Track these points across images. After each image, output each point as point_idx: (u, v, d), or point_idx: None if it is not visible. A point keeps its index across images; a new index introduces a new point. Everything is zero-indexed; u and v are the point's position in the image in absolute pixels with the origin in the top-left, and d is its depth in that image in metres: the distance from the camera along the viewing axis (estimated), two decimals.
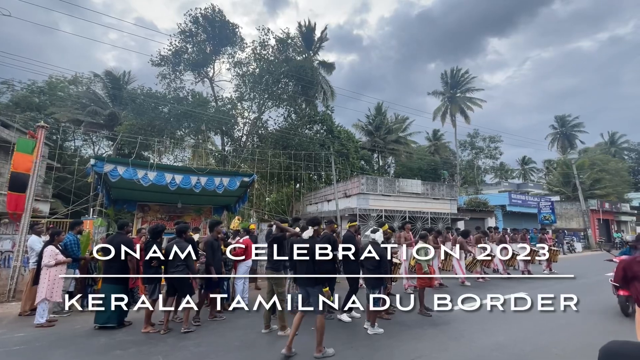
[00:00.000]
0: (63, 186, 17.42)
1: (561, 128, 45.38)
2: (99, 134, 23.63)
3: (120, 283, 5.30)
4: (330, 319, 5.54)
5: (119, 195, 10.14)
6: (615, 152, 44.60)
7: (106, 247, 5.34)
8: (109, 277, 5.25)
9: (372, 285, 4.88)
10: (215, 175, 8.53)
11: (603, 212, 28.58)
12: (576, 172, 27.70)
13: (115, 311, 5.20)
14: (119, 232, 5.55)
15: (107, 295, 5.16)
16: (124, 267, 5.34)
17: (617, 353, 0.77)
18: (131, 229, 6.66)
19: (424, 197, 18.56)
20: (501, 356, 4.12)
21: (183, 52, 20.46)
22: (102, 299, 5.15)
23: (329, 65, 28.56)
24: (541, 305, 4.83)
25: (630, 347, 0.76)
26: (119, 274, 5.28)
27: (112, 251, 5.25)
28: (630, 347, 0.76)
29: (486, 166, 42.17)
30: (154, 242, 5.40)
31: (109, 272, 5.27)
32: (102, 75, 25.40)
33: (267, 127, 22.56)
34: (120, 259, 5.25)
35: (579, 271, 11.98)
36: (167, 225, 10.46)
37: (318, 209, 20.31)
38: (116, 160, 8.43)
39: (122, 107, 22.66)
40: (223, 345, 4.53)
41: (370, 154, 31.45)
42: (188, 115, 18.54)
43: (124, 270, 5.35)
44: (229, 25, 20.94)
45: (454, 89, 35.85)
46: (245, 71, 21.57)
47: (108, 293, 5.18)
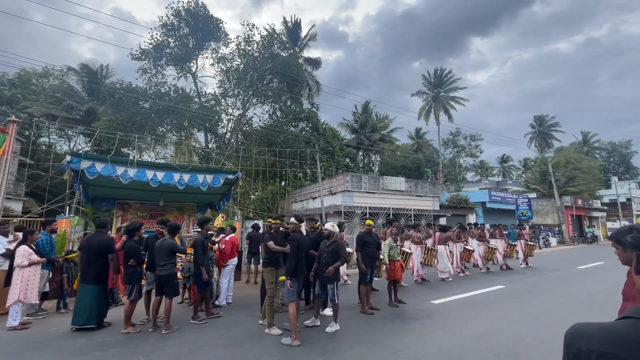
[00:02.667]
0: (37, 184, 16.70)
1: (539, 127, 47.08)
2: (75, 129, 22.73)
3: (98, 283, 5.16)
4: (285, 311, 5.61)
5: (97, 193, 9.83)
6: (588, 151, 46.69)
7: (84, 247, 5.21)
8: (86, 277, 5.11)
9: (329, 279, 5.05)
10: (198, 173, 8.39)
11: (576, 208, 29.90)
12: (552, 170, 28.83)
13: (94, 312, 5.06)
14: (99, 231, 5.37)
15: (85, 296, 5.04)
16: (104, 267, 5.21)
17: (580, 333, 0.83)
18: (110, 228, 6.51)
19: (408, 194, 18.87)
20: (479, 346, 4.27)
21: (165, 46, 19.90)
22: (80, 299, 5.04)
23: (315, 62, 28.50)
24: (516, 297, 5.01)
25: (592, 327, 0.83)
26: (98, 274, 5.16)
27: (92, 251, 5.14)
28: (591, 327, 0.83)
29: (467, 164, 43.21)
30: (131, 240, 5.30)
31: (87, 272, 5.12)
32: (78, 69, 24.41)
33: (251, 124, 22.30)
34: (100, 259, 5.16)
35: (553, 265, 12.53)
36: (149, 223, 10.24)
37: (303, 207, 20.32)
38: (94, 156, 8.15)
39: (100, 102, 21.85)
40: (207, 344, 4.49)
41: (355, 151, 31.65)
42: (170, 111, 18.09)
43: (103, 270, 5.23)
44: (212, 19, 20.51)
45: (437, 88, 36.50)
46: (229, 67, 21.21)
47: (86, 294, 5.05)
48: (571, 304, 6.56)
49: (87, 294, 5.04)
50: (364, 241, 6.15)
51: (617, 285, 7.45)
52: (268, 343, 4.50)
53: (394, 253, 6.61)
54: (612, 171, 49.78)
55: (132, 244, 5.25)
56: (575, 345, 0.81)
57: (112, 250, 5.21)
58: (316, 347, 4.34)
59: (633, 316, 0.80)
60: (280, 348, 4.30)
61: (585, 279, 9.40)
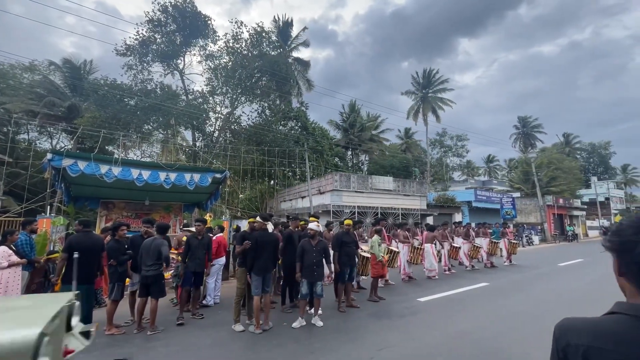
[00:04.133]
0: (16, 182, 16.15)
1: (523, 128, 48.27)
2: (56, 126, 22.04)
3: (85, 282, 5.03)
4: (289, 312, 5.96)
5: (80, 192, 9.57)
6: (569, 152, 48.16)
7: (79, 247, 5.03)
8: (69, 278, 4.97)
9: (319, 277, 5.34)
10: (185, 171, 8.27)
11: (558, 207, 30.84)
12: (535, 170, 29.64)
13: (85, 312, 4.93)
14: (88, 230, 5.21)
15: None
16: (92, 267, 5.04)
17: (570, 327, 0.86)
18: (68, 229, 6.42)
19: (395, 193, 19.09)
20: (464, 342, 4.37)
21: (151, 42, 19.49)
22: None
23: (305, 62, 28.44)
24: (499, 294, 5.15)
25: (580, 322, 0.87)
26: (88, 274, 4.94)
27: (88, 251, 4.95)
28: (580, 322, 0.87)
29: (454, 164, 44.00)
30: (112, 240, 5.24)
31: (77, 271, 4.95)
32: (60, 64, 23.65)
33: (240, 122, 22.12)
34: (92, 259, 4.99)
35: (535, 262, 12.90)
36: (135, 223, 10.04)
37: (292, 206, 20.29)
38: (76, 154, 7.93)
39: (83, 98, 21.25)
40: (194, 344, 4.45)
41: (344, 151, 31.78)
42: (156, 108, 17.76)
43: (92, 270, 5.06)
44: (200, 16, 20.21)
45: (425, 89, 36.99)
46: (217, 64, 20.97)
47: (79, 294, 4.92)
48: (552, 300, 6.78)
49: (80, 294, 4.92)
50: (342, 241, 6.23)
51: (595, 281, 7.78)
52: (256, 343, 4.49)
53: (379, 250, 6.82)
54: (591, 171, 51.50)
55: (112, 243, 5.17)
56: (564, 339, 0.85)
57: (104, 249, 5.20)
58: (304, 345, 4.36)
59: (618, 311, 0.83)
60: (268, 347, 4.30)
61: (565, 276, 9.72)
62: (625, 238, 0.84)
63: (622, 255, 0.85)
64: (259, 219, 5.29)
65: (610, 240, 0.88)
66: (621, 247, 0.85)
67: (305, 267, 5.24)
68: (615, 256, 0.87)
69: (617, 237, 0.87)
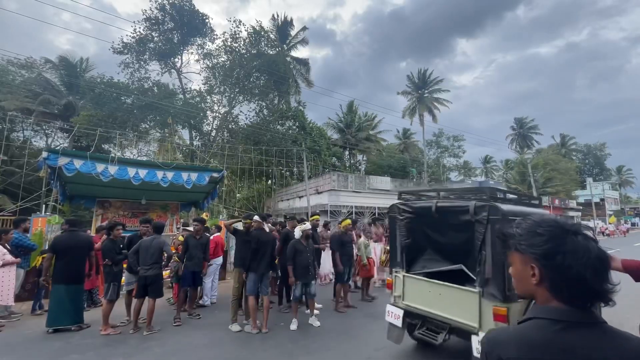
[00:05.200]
0: (10, 180, 15.99)
1: (519, 129, 48.54)
2: (52, 124, 21.87)
3: (73, 282, 5.00)
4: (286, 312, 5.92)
5: (75, 191, 9.49)
6: (565, 153, 48.49)
7: (63, 246, 5.02)
8: (61, 277, 4.92)
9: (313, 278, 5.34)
10: (182, 170, 8.22)
11: (554, 208, 31.02)
12: (531, 171, 29.81)
13: (72, 312, 4.92)
14: (74, 230, 5.21)
15: (63, 296, 4.88)
16: (83, 266, 5.10)
17: (497, 340, 0.85)
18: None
19: (393, 193, 19.11)
20: (461, 342, 4.37)
21: (148, 40, 19.40)
22: (57, 300, 4.88)
23: (303, 61, 28.39)
24: None
25: (506, 333, 0.85)
26: (75, 274, 5.01)
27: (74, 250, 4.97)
28: (506, 333, 0.85)
29: (450, 164, 44.10)
30: (107, 240, 5.22)
31: (63, 271, 4.94)
32: (56, 61, 23.46)
33: (237, 121, 22.06)
34: (81, 258, 5.05)
35: None
36: (131, 222, 9.98)
37: (289, 206, 20.26)
38: (72, 153, 7.86)
39: (79, 96, 21.10)
40: (189, 344, 4.43)
41: (341, 150, 31.79)
42: (153, 107, 17.66)
43: (82, 270, 5.11)
44: (198, 14, 20.14)
45: (421, 89, 37.07)
46: (215, 63, 20.89)
47: (64, 293, 4.89)
48: None
49: (66, 293, 4.89)
50: (342, 241, 6.22)
51: None
52: (252, 343, 4.48)
53: (367, 252, 6.94)
54: (587, 172, 51.89)
55: (107, 243, 5.14)
56: (494, 353, 0.83)
57: (93, 248, 5.22)
58: (301, 345, 4.35)
59: (536, 316, 0.83)
60: (265, 347, 4.29)
61: None
62: (548, 250, 0.81)
63: (547, 266, 0.82)
64: (257, 217, 5.26)
65: (531, 251, 0.84)
66: (546, 259, 0.82)
67: (301, 268, 5.16)
68: (536, 265, 0.83)
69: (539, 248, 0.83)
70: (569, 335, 0.77)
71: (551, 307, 0.82)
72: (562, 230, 0.82)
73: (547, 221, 0.86)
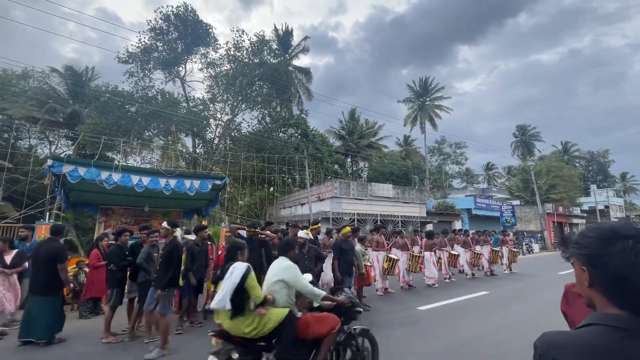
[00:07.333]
0: (15, 188, 16.10)
1: (521, 136, 48.51)
2: (57, 132, 22.10)
3: (49, 294, 4.73)
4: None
5: (79, 198, 9.56)
6: (568, 159, 48.31)
7: (33, 255, 4.88)
8: (30, 288, 4.81)
9: None
10: (185, 178, 8.29)
11: (557, 215, 30.82)
12: (534, 178, 29.69)
13: (37, 327, 4.61)
14: (52, 238, 4.93)
15: (34, 309, 4.65)
16: (54, 277, 4.73)
17: (552, 342, 0.82)
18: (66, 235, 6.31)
19: (395, 200, 19.09)
20: (464, 352, 4.33)
21: (153, 50, 19.72)
22: (29, 312, 4.66)
23: (305, 70, 28.69)
24: (500, 303, 5.11)
25: (562, 336, 0.82)
26: (47, 285, 4.72)
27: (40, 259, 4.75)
28: (562, 336, 0.82)
29: (453, 171, 44.07)
30: (114, 244, 5.20)
31: (36, 282, 4.72)
32: (62, 70, 23.83)
33: (240, 129, 22.23)
34: (48, 269, 4.70)
35: (535, 271, 12.84)
36: (133, 229, 10.01)
37: (292, 213, 20.25)
38: (77, 160, 7.96)
39: (84, 105, 21.37)
40: (192, 353, 4.40)
41: (344, 158, 31.88)
42: (157, 115, 17.86)
43: (54, 281, 4.75)
44: (202, 24, 20.49)
45: (423, 97, 37.28)
46: (218, 72, 21.17)
47: (35, 306, 4.65)
48: (553, 309, 6.69)
49: (33, 306, 4.64)
50: (342, 248, 6.20)
51: None
52: None
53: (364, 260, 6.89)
54: (591, 179, 51.57)
55: (114, 248, 5.12)
56: (549, 355, 0.81)
57: (61, 259, 4.72)
58: None
59: (594, 322, 0.81)
60: None
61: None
62: (595, 252, 0.81)
63: (594, 268, 0.82)
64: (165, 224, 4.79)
65: (579, 253, 0.85)
66: (592, 261, 0.82)
67: None
68: (585, 268, 0.84)
69: (586, 250, 0.83)
70: (631, 344, 0.74)
71: (609, 313, 0.79)
72: (614, 234, 0.81)
73: (603, 225, 0.85)
